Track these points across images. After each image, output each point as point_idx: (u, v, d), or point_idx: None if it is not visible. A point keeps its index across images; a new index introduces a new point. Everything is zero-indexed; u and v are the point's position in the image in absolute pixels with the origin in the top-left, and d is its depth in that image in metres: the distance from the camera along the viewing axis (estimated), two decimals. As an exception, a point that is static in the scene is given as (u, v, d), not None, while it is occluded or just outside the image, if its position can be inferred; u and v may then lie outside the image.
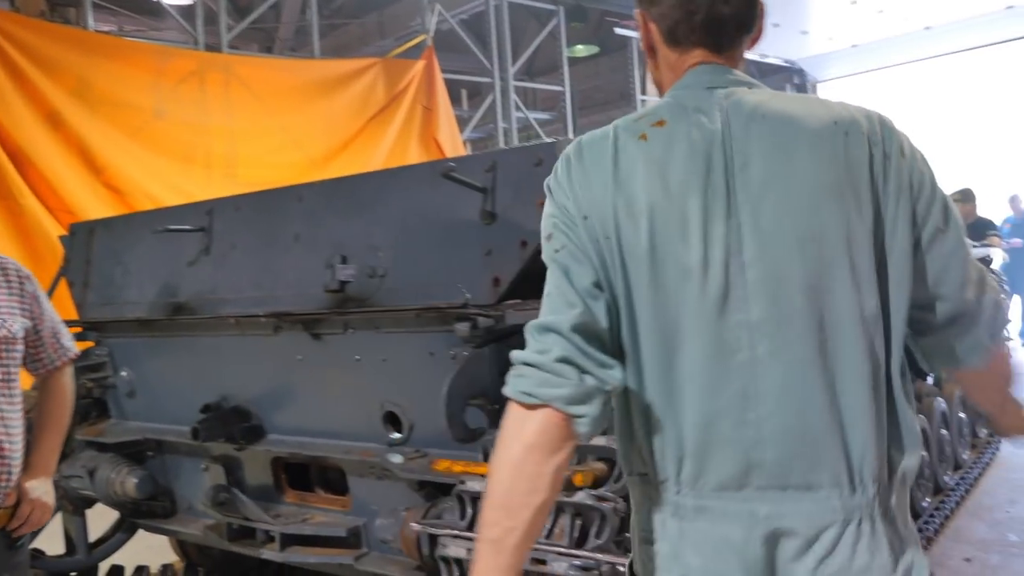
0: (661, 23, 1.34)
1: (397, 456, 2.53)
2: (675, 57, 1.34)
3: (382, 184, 2.61)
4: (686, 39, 1.33)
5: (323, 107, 9.05)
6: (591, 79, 15.42)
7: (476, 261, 2.34)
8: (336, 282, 2.60)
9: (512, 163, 2.32)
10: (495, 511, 1.19)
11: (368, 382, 2.66)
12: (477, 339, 2.32)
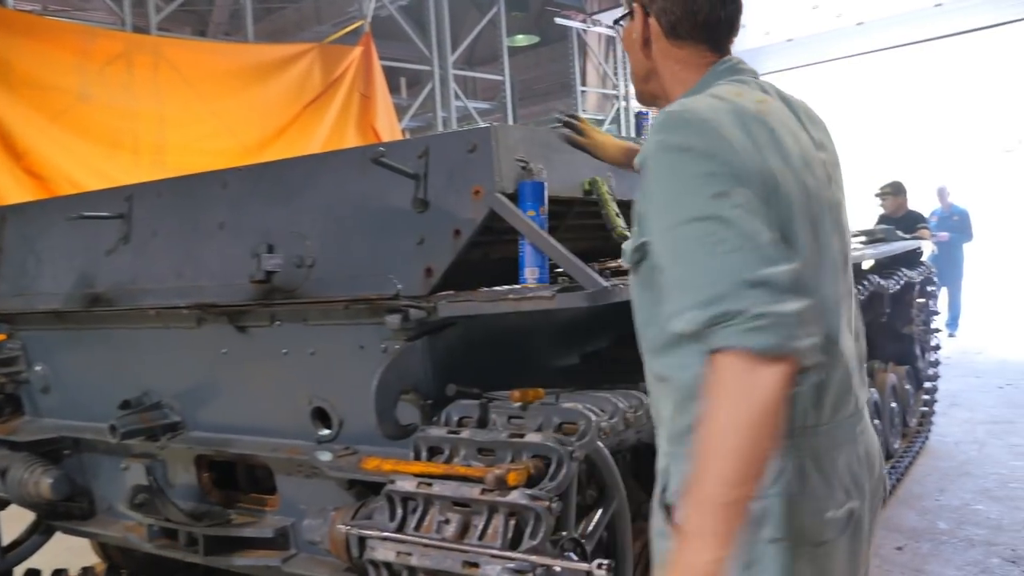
0: (662, 18, 1.49)
1: (326, 454, 2.43)
2: (682, 51, 1.50)
3: (310, 170, 2.50)
4: (688, 35, 1.49)
5: (257, 93, 8.82)
6: (531, 69, 15.38)
7: (408, 251, 2.26)
8: (262, 272, 2.48)
9: (446, 149, 2.24)
10: (737, 473, 1.18)
11: (296, 376, 2.56)
12: (409, 332, 2.23)
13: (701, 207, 1.26)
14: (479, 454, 1.99)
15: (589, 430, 1.96)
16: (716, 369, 1.21)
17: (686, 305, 1.24)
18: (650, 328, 1.44)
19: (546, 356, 2.77)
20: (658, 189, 1.34)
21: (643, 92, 1.64)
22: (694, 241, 1.26)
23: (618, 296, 2.03)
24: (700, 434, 1.22)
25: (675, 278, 1.29)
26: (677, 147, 1.32)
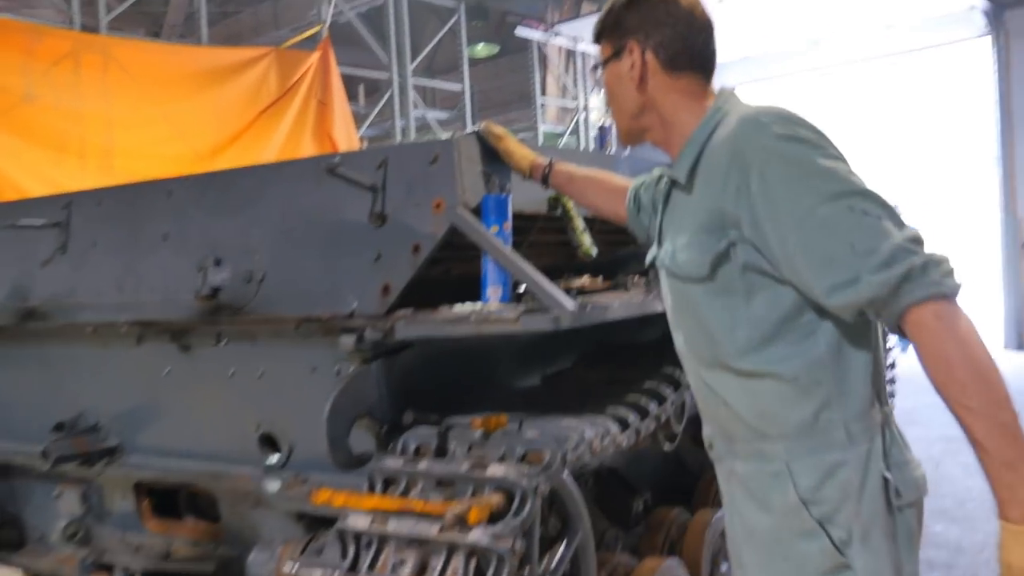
0: (661, 52, 1.58)
1: (274, 482, 2.29)
2: (680, 82, 1.59)
3: (261, 180, 2.36)
4: (686, 66, 1.59)
5: (211, 97, 8.58)
6: (491, 79, 15.30)
7: (364, 267, 2.13)
8: (208, 287, 2.33)
9: (405, 160, 2.11)
10: (1008, 396, 1.28)
11: (243, 399, 2.42)
12: (364, 353, 2.10)
13: (842, 184, 1.36)
14: (438, 487, 1.87)
15: (555, 461, 1.85)
16: (930, 319, 1.29)
17: (862, 271, 1.30)
18: (737, 330, 1.48)
19: (507, 377, 2.66)
20: (787, 177, 1.38)
21: (632, 128, 1.69)
22: (845, 214, 1.33)
23: (586, 319, 1.92)
24: (959, 377, 1.27)
25: (830, 253, 1.34)
26: (796, 137, 1.40)
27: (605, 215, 2.16)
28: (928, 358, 1.30)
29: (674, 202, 1.63)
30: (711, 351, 1.54)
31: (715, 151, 1.50)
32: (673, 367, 2.62)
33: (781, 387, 1.45)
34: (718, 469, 1.67)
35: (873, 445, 1.46)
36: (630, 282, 2.66)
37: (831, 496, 1.43)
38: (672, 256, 1.58)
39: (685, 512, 3.03)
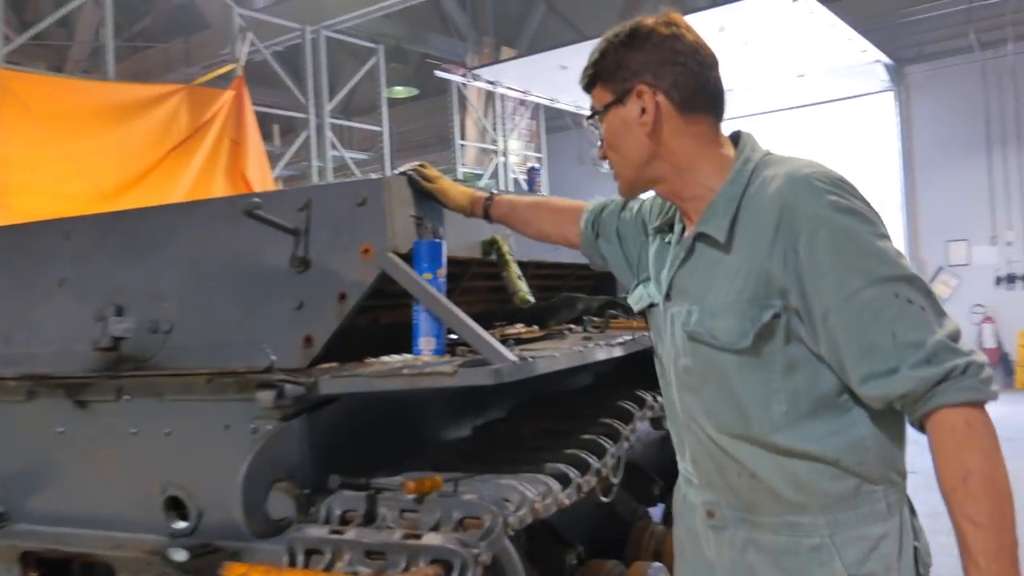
0: (674, 93, 1.46)
1: (180, 552, 2.07)
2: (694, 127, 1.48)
3: (170, 221, 2.19)
4: (701, 107, 1.48)
5: (117, 134, 8.21)
6: (410, 121, 15.23)
7: (284, 316, 1.97)
8: (108, 338, 2.15)
9: (331, 201, 1.97)
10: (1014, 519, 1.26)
11: (147, 460, 2.21)
12: (284, 410, 1.92)
13: (890, 268, 1.31)
14: (367, 558, 1.69)
15: (495, 527, 1.70)
16: (960, 424, 1.27)
17: (902, 364, 1.27)
18: (773, 404, 1.40)
19: (437, 429, 2.51)
20: (837, 252, 1.32)
21: (638, 180, 1.57)
22: (890, 300, 1.30)
23: (529, 371, 1.80)
24: (974, 490, 1.25)
25: (871, 340, 1.30)
26: (850, 209, 1.34)
27: (554, 240, 2.07)
28: (946, 462, 1.28)
29: (699, 258, 1.50)
30: (741, 424, 1.44)
31: (759, 208, 1.40)
32: (610, 417, 2.52)
33: (820, 465, 1.39)
34: (716, 537, 1.56)
35: (903, 515, 1.44)
36: (565, 330, 2.55)
37: (876, 570, 1.39)
38: (700, 320, 1.45)
39: (620, 565, 2.91)
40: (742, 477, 1.47)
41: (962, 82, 11.45)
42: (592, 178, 14.58)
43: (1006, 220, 11.17)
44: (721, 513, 1.54)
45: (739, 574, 1.52)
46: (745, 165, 1.46)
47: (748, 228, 1.41)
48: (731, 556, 1.53)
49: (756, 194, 1.42)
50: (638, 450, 3.66)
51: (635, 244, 1.79)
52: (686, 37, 1.48)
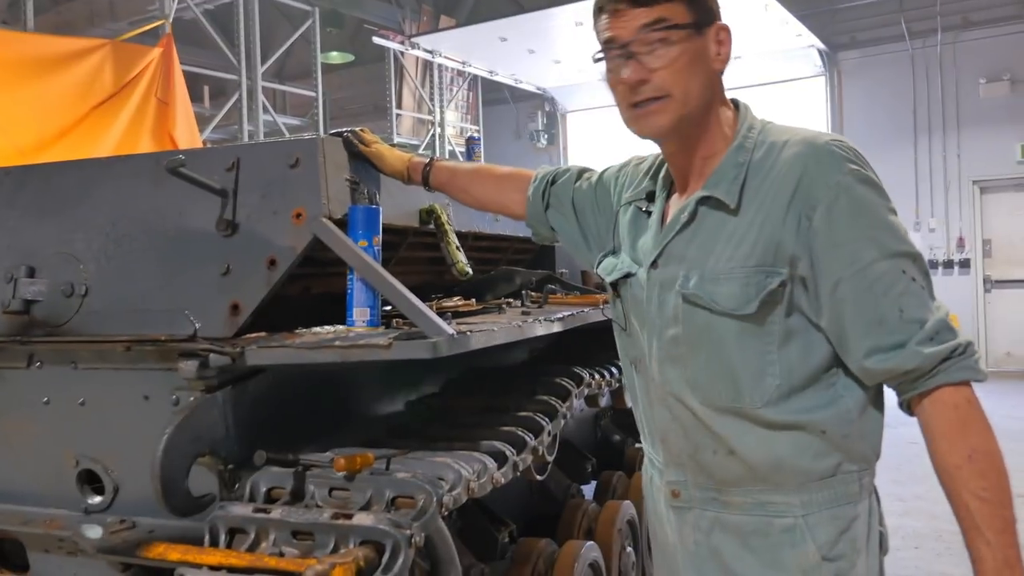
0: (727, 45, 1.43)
1: (94, 528, 1.97)
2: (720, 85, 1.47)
3: (88, 177, 2.05)
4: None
5: (36, 89, 7.81)
6: (345, 88, 14.94)
7: (209, 282, 1.86)
8: (19, 301, 2.02)
9: (261, 161, 1.87)
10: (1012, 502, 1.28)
11: (59, 431, 2.09)
12: (208, 381, 1.83)
13: (901, 243, 1.33)
14: (294, 538, 1.62)
15: (429, 506, 1.64)
16: (963, 402, 1.29)
17: (910, 340, 1.29)
18: (766, 377, 1.38)
19: (370, 404, 2.43)
20: (854, 222, 1.32)
21: (692, 116, 1.42)
22: (898, 276, 1.31)
23: (468, 345, 1.74)
24: (981, 466, 1.27)
25: (881, 314, 1.31)
26: (870, 181, 1.34)
27: (494, 209, 2.02)
28: (950, 439, 1.29)
29: (701, 223, 1.43)
30: (730, 394, 1.40)
31: (771, 174, 1.37)
32: (547, 394, 2.48)
33: (808, 439, 1.38)
34: (679, 518, 1.52)
35: (871, 498, 1.45)
36: (504, 304, 2.49)
37: (846, 551, 1.39)
38: (699, 283, 1.40)
39: (552, 543, 2.89)
40: (717, 454, 1.44)
41: (892, 70, 11.70)
42: (528, 153, 14.55)
43: (929, 208, 11.50)
44: (687, 493, 1.50)
45: (701, 557, 1.49)
46: (750, 131, 1.44)
47: (758, 193, 1.38)
48: (694, 538, 1.50)
49: (764, 158, 1.39)
50: (572, 427, 3.64)
51: (595, 215, 1.74)
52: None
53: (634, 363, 1.59)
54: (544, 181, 1.85)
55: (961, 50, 11.32)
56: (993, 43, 11.09)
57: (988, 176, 11.29)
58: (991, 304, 11.42)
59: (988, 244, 11.48)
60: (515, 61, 12.67)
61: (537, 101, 14.63)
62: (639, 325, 1.54)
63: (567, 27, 10.77)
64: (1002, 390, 9.13)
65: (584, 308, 2.69)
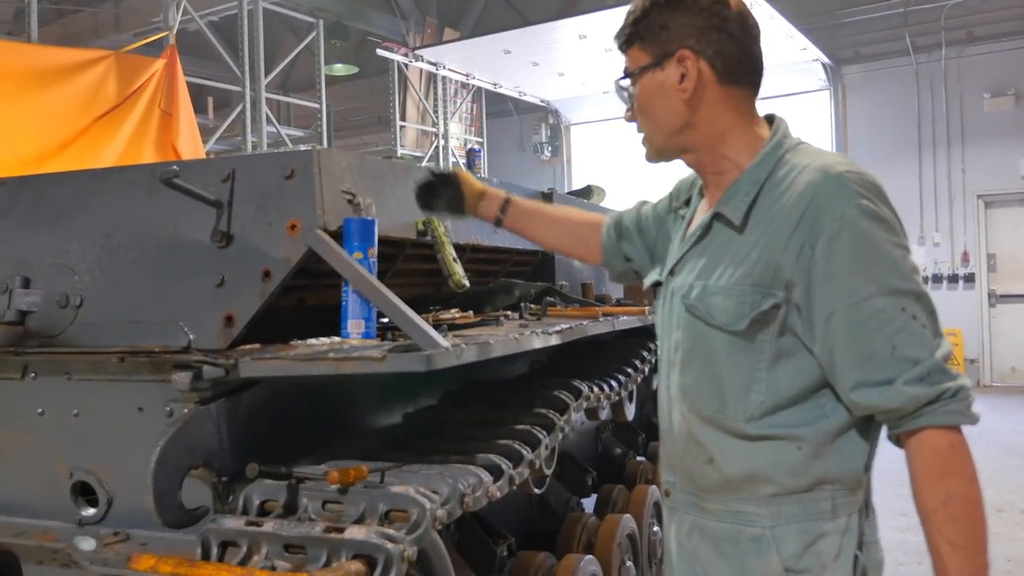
0: (718, 61, 1.42)
1: (88, 541, 1.96)
2: (732, 98, 1.45)
3: (84, 188, 2.05)
4: (743, 79, 1.45)
5: (39, 99, 7.84)
6: (349, 100, 14.99)
7: (204, 293, 1.86)
8: (14, 312, 2.01)
9: (256, 173, 1.86)
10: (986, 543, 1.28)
11: (53, 442, 2.08)
12: (201, 393, 1.81)
13: (902, 281, 1.31)
14: (286, 551, 1.60)
15: (423, 519, 1.62)
16: (945, 447, 1.28)
17: (898, 378, 1.28)
18: (751, 394, 1.40)
19: (366, 417, 2.42)
20: (855, 256, 1.31)
21: (667, 147, 1.52)
22: (896, 313, 1.29)
23: (463, 358, 1.72)
24: (955, 512, 1.27)
25: (872, 349, 1.30)
26: (877, 216, 1.32)
27: (569, 252, 2.10)
28: (928, 482, 1.30)
29: (714, 237, 1.48)
30: (715, 405, 1.44)
31: (782, 197, 1.38)
32: (545, 407, 2.46)
33: (783, 454, 1.39)
34: (670, 518, 1.59)
35: (851, 521, 1.42)
36: (502, 317, 2.48)
37: (811, 565, 1.39)
38: (700, 295, 1.44)
39: (551, 557, 2.87)
40: (698, 461, 1.48)
41: (896, 84, 11.70)
42: (531, 165, 14.56)
43: (933, 222, 11.48)
44: (675, 495, 1.56)
45: (684, 557, 1.54)
46: (776, 149, 1.44)
47: (767, 214, 1.39)
48: (678, 539, 1.55)
49: (781, 181, 1.40)
50: (572, 440, 3.63)
51: (655, 233, 1.80)
52: (732, 4, 1.43)
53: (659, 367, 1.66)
54: (614, 218, 1.90)
55: (965, 65, 11.31)
56: (998, 58, 11.08)
57: (993, 190, 11.26)
58: (996, 319, 11.37)
59: (993, 258, 11.45)
60: (519, 73, 12.69)
61: (541, 113, 14.65)
62: (659, 330, 1.62)
63: (571, 40, 10.79)
64: (1007, 405, 9.09)
65: (583, 321, 2.68)
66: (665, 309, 1.57)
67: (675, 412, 1.52)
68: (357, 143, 14.72)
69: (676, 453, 1.54)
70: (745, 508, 1.43)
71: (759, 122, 1.50)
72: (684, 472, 1.52)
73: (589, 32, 10.32)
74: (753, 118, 1.49)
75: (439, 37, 13.08)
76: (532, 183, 2.40)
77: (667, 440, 1.57)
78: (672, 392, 1.53)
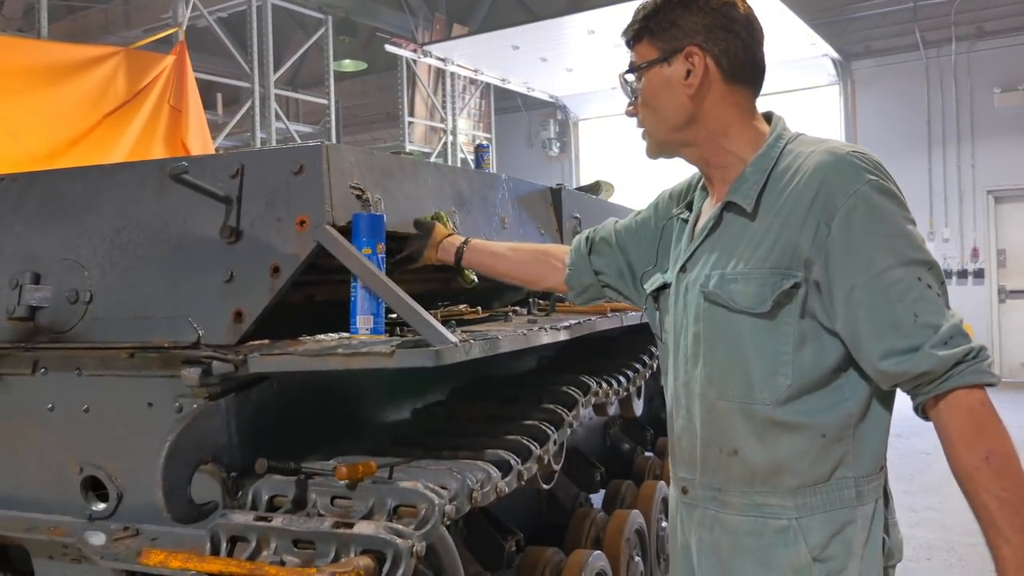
0: (723, 60, 1.49)
1: (98, 535, 1.96)
2: (736, 96, 1.52)
3: (94, 184, 2.05)
4: (746, 79, 1.52)
5: (49, 96, 7.86)
6: (358, 96, 15.00)
7: (213, 289, 1.86)
8: (24, 307, 2.01)
9: (265, 168, 1.86)
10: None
11: (64, 438, 2.08)
12: (211, 388, 1.82)
13: (917, 252, 1.36)
14: (295, 547, 1.61)
15: (432, 515, 1.62)
16: (977, 405, 1.31)
17: (924, 343, 1.31)
18: (778, 376, 1.43)
19: (374, 412, 2.42)
20: (872, 230, 1.36)
21: (671, 141, 1.58)
22: (914, 283, 1.34)
23: (472, 354, 1.72)
24: (999, 467, 1.29)
25: (896, 318, 1.34)
26: (888, 191, 1.38)
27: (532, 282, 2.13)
28: (966, 441, 1.31)
29: (726, 227, 1.53)
30: (742, 389, 1.47)
31: (792, 182, 1.44)
32: (553, 403, 2.46)
33: (807, 442, 1.43)
34: (689, 515, 1.61)
35: (877, 506, 1.46)
36: (510, 312, 2.48)
37: (838, 553, 1.42)
38: (720, 283, 1.48)
39: (559, 553, 2.87)
40: (722, 453, 1.51)
41: (906, 79, 11.65)
42: (540, 160, 14.55)
43: (943, 218, 11.43)
44: (694, 491, 1.58)
45: (704, 553, 1.56)
46: (777, 141, 1.51)
47: (778, 200, 1.45)
48: (699, 535, 1.57)
49: (788, 168, 1.46)
50: (580, 436, 3.62)
51: (640, 243, 1.84)
52: (740, 6, 1.52)
53: (666, 371, 1.67)
54: (587, 232, 1.95)
55: (976, 59, 11.26)
56: (1008, 52, 11.02)
57: (1003, 186, 11.21)
58: (1005, 314, 11.33)
59: (1003, 254, 11.40)
60: (527, 69, 12.69)
61: (549, 109, 14.64)
62: (669, 329, 1.63)
63: (579, 35, 10.78)
64: (1017, 400, 9.05)
65: (592, 317, 2.67)
66: (679, 306, 1.59)
67: (696, 406, 1.55)
68: (366, 139, 14.74)
69: (694, 449, 1.56)
70: (770, 501, 1.46)
71: (759, 119, 1.57)
72: (704, 467, 1.55)
73: (598, 27, 10.30)
74: (754, 115, 1.56)
75: (448, 33, 13.08)
76: (540, 179, 2.42)
77: (684, 437, 1.59)
78: (694, 386, 1.55)
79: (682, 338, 1.58)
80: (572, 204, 3.47)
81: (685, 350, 1.57)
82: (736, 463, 1.49)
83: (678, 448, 1.62)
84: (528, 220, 3.01)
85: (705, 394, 1.52)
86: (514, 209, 2.91)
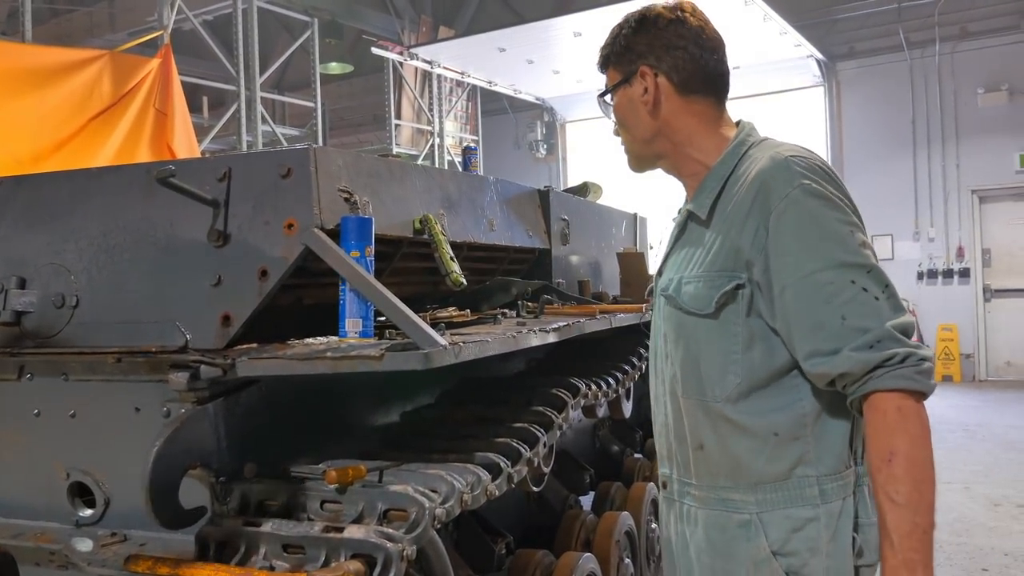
0: (674, 75, 1.57)
1: (85, 542, 1.95)
2: (695, 106, 1.58)
3: (80, 188, 2.04)
4: (699, 89, 1.58)
5: (34, 99, 7.80)
6: (344, 98, 14.96)
7: (201, 293, 1.85)
8: (9, 312, 2.00)
9: (252, 171, 1.86)
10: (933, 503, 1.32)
11: (50, 443, 2.06)
12: (199, 393, 1.81)
13: (850, 255, 1.38)
14: (284, 551, 1.60)
15: (422, 518, 1.62)
16: (891, 409, 1.32)
17: (844, 346, 1.34)
18: (728, 375, 1.47)
19: (363, 417, 2.41)
20: (801, 233, 1.39)
21: (645, 154, 1.67)
22: (845, 286, 1.36)
23: (460, 357, 1.72)
24: (896, 471, 1.31)
25: (821, 319, 1.36)
26: (821, 194, 1.40)
27: None
28: (875, 442, 1.34)
29: (689, 233, 1.61)
30: (698, 387, 1.52)
31: (739, 187, 1.49)
32: (543, 405, 2.46)
33: (761, 441, 1.46)
34: (668, 510, 1.66)
35: (845, 504, 1.47)
36: (499, 315, 2.48)
37: (799, 549, 1.44)
38: (677, 286, 1.55)
39: (549, 555, 2.87)
40: (691, 448, 1.55)
41: (890, 80, 11.71)
42: (527, 163, 14.55)
43: (928, 217, 11.48)
44: (671, 487, 1.63)
45: (681, 546, 1.61)
46: (739, 147, 1.56)
47: (728, 204, 1.50)
48: (678, 529, 1.62)
49: (743, 174, 1.51)
50: (570, 438, 3.62)
51: None
52: (689, 21, 1.58)
53: (652, 371, 1.72)
54: None
55: (959, 60, 11.32)
56: (991, 53, 11.09)
57: (987, 185, 11.27)
58: (991, 313, 11.39)
59: (988, 253, 11.46)
60: (514, 71, 12.67)
61: (536, 111, 14.64)
62: (653, 330, 1.70)
63: (566, 37, 10.78)
64: (1002, 400, 9.10)
65: (581, 318, 2.67)
66: (656, 308, 1.67)
67: (669, 402, 1.61)
68: (352, 142, 14.70)
69: (672, 443, 1.62)
70: (733, 496, 1.50)
71: (728, 125, 1.63)
72: (679, 462, 1.60)
73: (584, 30, 10.31)
74: (719, 123, 1.61)
75: (434, 35, 13.05)
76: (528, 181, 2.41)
77: (662, 433, 1.65)
78: (667, 383, 1.61)
79: (659, 338, 1.65)
80: (560, 206, 3.48)
81: (661, 349, 1.64)
82: (702, 458, 1.54)
83: (658, 444, 1.69)
84: (516, 222, 3.01)
85: (674, 391, 1.58)
86: (502, 211, 2.91)
